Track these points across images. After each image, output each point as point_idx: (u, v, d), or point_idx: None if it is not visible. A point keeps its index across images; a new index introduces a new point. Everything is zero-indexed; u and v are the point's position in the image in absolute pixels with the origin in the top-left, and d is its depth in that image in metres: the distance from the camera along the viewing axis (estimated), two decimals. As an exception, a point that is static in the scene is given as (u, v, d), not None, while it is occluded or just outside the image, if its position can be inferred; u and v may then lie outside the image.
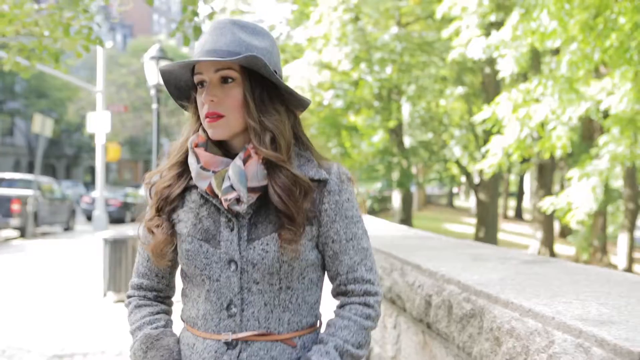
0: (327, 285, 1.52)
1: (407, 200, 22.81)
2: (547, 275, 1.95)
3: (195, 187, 1.44)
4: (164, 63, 9.34)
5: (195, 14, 3.81)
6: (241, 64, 1.36)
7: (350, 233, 1.43)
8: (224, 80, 1.37)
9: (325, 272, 1.50)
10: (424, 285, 2.22)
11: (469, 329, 1.80)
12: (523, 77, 14.23)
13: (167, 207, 1.45)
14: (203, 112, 1.39)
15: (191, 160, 1.42)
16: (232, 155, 1.42)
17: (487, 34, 11.40)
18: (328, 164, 1.45)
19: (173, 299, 1.62)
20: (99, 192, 19.36)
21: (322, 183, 1.42)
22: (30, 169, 36.09)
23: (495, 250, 2.80)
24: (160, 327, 1.48)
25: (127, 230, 9.12)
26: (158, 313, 1.53)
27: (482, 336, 1.69)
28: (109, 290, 7.46)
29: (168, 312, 1.57)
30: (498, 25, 12.41)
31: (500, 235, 23.42)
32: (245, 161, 1.37)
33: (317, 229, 1.42)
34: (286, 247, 1.36)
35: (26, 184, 17.91)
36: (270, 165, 1.38)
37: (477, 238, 18.89)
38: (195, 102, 1.45)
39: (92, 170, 44.16)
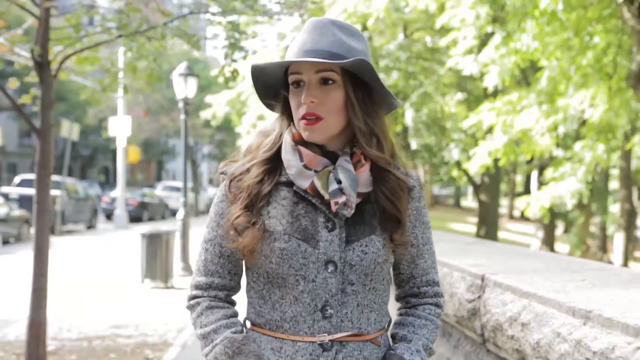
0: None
1: (412, 200, 23.73)
2: (471, 249, 3.03)
3: (284, 184, 1.42)
4: (192, 79, 10.47)
5: (234, 60, 4.87)
6: (346, 67, 1.34)
7: (426, 238, 1.49)
8: (324, 81, 1.34)
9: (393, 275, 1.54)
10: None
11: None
12: (523, 80, 15.07)
13: (258, 203, 1.40)
14: (299, 112, 1.36)
15: (290, 157, 1.39)
16: (328, 155, 1.40)
17: (484, 44, 12.34)
18: (410, 171, 1.48)
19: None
20: (120, 192, 20.52)
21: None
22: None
23: (451, 237, 3.88)
24: (239, 331, 1.42)
25: (161, 226, 10.26)
26: (232, 316, 1.45)
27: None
28: (146, 277, 8.66)
29: (237, 316, 1.49)
30: (494, 35, 13.34)
31: (504, 235, 24.18)
32: (355, 166, 1.37)
33: None
34: (399, 249, 1.40)
35: (54, 185, 18.96)
36: (376, 170, 1.40)
37: (477, 237, 19.85)
38: (284, 101, 1.42)
39: (106, 171, 45.53)
